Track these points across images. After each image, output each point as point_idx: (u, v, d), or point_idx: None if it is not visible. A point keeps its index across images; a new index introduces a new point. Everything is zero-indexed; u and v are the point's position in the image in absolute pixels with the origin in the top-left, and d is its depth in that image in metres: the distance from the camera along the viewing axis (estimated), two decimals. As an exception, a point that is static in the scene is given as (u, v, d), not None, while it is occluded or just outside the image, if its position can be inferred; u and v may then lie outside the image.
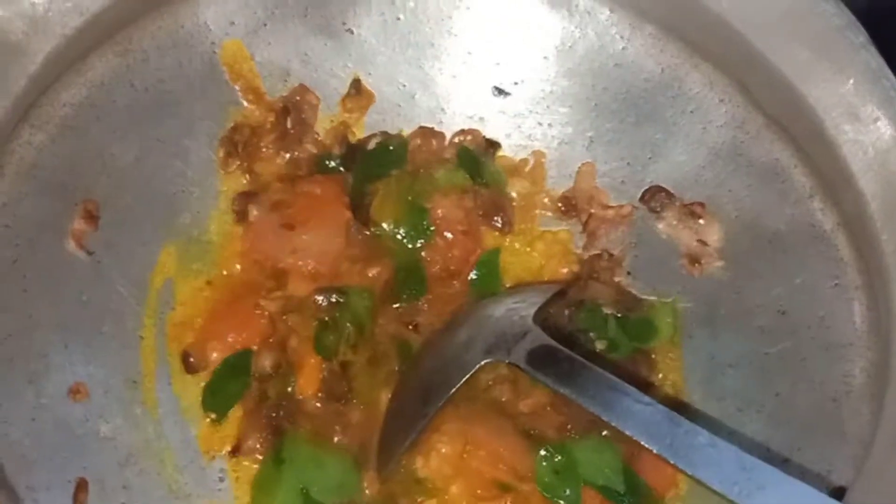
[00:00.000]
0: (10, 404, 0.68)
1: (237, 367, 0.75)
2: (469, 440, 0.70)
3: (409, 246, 0.79)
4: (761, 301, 0.76)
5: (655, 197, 0.80)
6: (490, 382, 0.73)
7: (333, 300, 0.75)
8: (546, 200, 0.83)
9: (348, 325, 0.75)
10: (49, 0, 0.67)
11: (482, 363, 0.68)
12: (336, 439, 0.72)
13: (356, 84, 0.83)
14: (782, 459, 0.70)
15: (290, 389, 0.74)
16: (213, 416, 0.75)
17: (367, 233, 0.79)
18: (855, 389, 0.70)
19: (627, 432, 0.61)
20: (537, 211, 0.83)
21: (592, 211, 0.82)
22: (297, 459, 0.71)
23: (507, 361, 0.68)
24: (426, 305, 0.78)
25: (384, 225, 0.79)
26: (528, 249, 0.82)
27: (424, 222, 0.79)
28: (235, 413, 0.75)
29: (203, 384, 0.75)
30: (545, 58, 0.82)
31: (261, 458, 0.73)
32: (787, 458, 0.71)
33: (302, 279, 0.77)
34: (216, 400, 0.75)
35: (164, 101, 0.78)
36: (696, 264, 0.79)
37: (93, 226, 0.74)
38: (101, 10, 0.70)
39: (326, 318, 0.75)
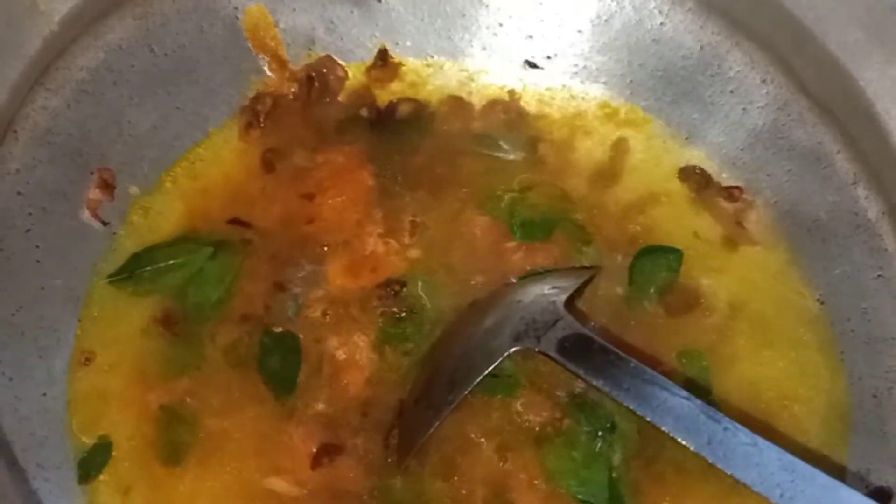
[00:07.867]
0: (20, 379, 0.66)
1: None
2: None
3: None
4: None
5: (692, 178, 0.78)
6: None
7: (395, 290, 0.72)
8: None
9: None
10: (68, -42, 0.65)
11: (510, 351, 0.65)
12: None
13: (383, 54, 0.80)
14: (820, 456, 0.68)
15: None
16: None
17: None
18: (897, 386, 0.68)
19: (664, 428, 0.58)
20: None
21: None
22: None
23: (536, 350, 0.65)
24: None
25: None
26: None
27: None
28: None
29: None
30: (579, 32, 0.79)
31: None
32: (826, 456, 0.68)
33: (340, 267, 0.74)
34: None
35: (183, 67, 0.75)
36: (733, 248, 0.76)
37: (109, 195, 0.72)
38: (121, -31, 0.67)
39: (395, 313, 0.71)
